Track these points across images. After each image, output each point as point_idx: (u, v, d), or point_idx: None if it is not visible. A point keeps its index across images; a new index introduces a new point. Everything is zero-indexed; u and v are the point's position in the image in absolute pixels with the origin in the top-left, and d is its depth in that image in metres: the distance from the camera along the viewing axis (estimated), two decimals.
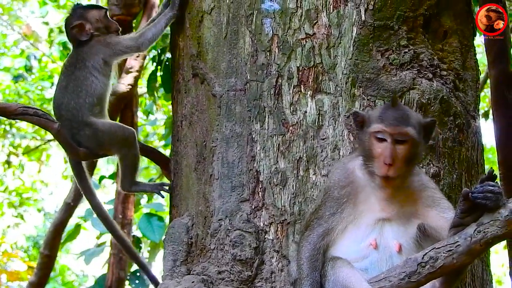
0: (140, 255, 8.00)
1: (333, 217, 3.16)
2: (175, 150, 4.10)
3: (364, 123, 3.16)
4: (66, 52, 9.28)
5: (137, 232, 8.11)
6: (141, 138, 10.83)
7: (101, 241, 8.46)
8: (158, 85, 7.31)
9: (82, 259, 7.99)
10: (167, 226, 4.01)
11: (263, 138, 3.66)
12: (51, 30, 12.42)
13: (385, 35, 3.67)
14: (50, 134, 4.35)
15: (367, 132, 3.11)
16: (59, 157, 14.32)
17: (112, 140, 4.10)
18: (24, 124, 12.84)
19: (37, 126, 4.57)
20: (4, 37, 14.03)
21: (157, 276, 4.34)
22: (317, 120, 3.62)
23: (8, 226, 16.30)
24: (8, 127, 13.19)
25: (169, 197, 4.20)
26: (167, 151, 8.47)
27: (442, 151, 3.69)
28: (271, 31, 3.74)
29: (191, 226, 3.78)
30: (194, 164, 3.87)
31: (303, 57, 3.68)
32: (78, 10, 4.25)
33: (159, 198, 4.81)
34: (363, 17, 3.66)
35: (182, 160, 3.99)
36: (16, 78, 12.72)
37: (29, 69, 12.88)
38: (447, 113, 3.73)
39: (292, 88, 3.67)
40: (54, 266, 10.03)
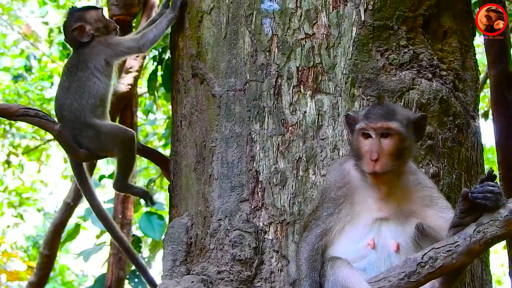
0: (140, 256, 7.99)
1: (331, 218, 3.17)
2: (175, 150, 4.10)
3: (354, 123, 3.19)
4: (66, 52, 9.28)
5: (137, 232, 8.10)
6: (141, 138, 10.82)
7: (101, 241, 8.46)
8: (159, 85, 7.31)
9: (81, 258, 7.99)
10: (167, 226, 4.01)
11: (263, 138, 3.65)
12: (51, 30, 12.41)
13: (385, 35, 3.66)
14: (50, 134, 4.35)
15: (355, 131, 3.15)
16: (59, 157, 14.33)
17: (114, 142, 4.09)
18: (24, 124, 12.82)
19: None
20: (4, 37, 14.03)
21: (156, 277, 4.34)
22: (317, 120, 3.62)
23: (8, 226, 16.30)
24: (8, 127, 13.19)
25: (169, 197, 4.20)
26: (167, 151, 8.47)
27: (442, 151, 3.68)
28: (271, 31, 3.74)
29: (191, 226, 3.78)
30: (194, 164, 3.87)
31: (303, 57, 3.68)
32: (76, 13, 4.24)
33: (160, 198, 4.81)
34: (363, 17, 3.66)
35: (182, 160, 3.99)
36: (16, 78, 12.72)
37: (29, 69, 12.87)
38: (447, 113, 3.73)
39: (292, 88, 3.66)
40: (54, 266, 10.04)
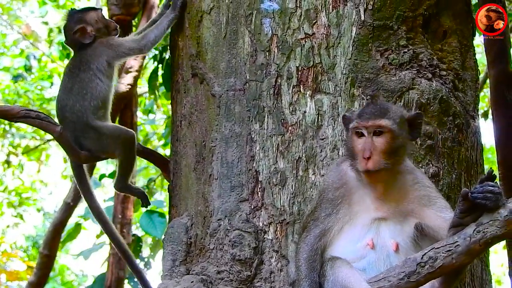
0: (140, 255, 7.99)
1: (329, 218, 3.17)
2: (175, 150, 4.10)
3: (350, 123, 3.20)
4: (66, 52, 9.27)
5: (137, 231, 8.10)
6: (141, 138, 10.82)
7: (101, 241, 8.46)
8: (159, 84, 7.31)
9: (81, 258, 7.99)
10: (167, 226, 4.01)
11: (263, 138, 3.65)
12: (51, 30, 12.40)
13: (385, 35, 3.66)
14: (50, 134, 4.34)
15: (349, 130, 3.16)
16: (59, 157, 14.33)
17: (115, 143, 4.08)
18: (24, 124, 12.82)
19: None
20: (4, 37, 14.03)
21: (156, 277, 4.34)
22: (317, 120, 3.62)
23: (8, 226, 16.30)
24: (8, 127, 13.19)
25: (169, 197, 4.19)
26: (167, 151, 8.47)
27: (442, 151, 3.68)
28: (271, 31, 3.73)
29: (190, 226, 3.77)
30: (194, 164, 3.87)
31: (303, 57, 3.67)
32: (76, 15, 4.22)
33: (160, 197, 4.81)
34: (363, 17, 3.66)
35: (182, 160, 3.99)
36: (16, 78, 12.72)
37: (29, 69, 12.87)
38: (447, 113, 3.73)
39: (292, 88, 3.66)
40: (54, 266, 10.04)
